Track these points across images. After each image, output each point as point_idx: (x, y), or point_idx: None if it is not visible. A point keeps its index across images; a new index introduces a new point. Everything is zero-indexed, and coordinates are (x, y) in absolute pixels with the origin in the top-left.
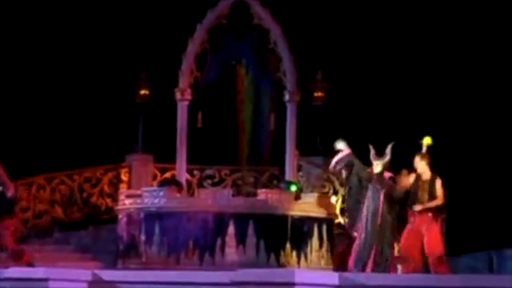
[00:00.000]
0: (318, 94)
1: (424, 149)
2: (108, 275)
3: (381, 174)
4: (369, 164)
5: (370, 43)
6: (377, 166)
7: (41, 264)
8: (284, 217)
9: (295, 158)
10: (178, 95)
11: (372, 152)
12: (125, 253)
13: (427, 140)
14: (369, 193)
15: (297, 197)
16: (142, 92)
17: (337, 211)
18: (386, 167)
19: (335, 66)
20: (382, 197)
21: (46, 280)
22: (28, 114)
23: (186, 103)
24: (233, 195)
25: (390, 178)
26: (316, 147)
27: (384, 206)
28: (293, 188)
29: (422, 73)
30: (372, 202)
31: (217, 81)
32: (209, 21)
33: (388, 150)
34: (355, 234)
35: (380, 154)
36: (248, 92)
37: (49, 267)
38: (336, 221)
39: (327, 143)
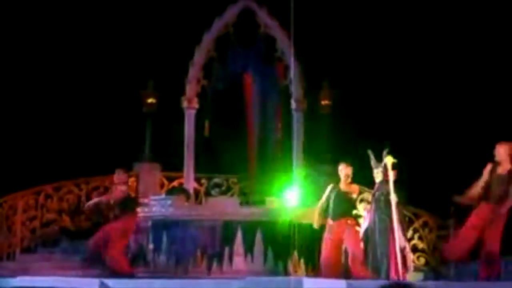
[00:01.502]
0: (325, 102)
1: None
2: (116, 283)
3: (382, 182)
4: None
5: (377, 51)
6: (378, 175)
7: (49, 273)
8: (292, 225)
9: (302, 166)
10: (185, 104)
11: (373, 159)
12: (133, 262)
13: None
14: (373, 204)
15: (305, 205)
16: (149, 100)
17: None
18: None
19: (342, 74)
20: (388, 204)
21: None
22: (35, 123)
23: (193, 111)
24: (240, 204)
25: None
26: (323, 155)
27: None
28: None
29: (429, 81)
30: (378, 211)
31: (225, 89)
32: (216, 29)
33: (384, 155)
34: None
35: (379, 161)
36: (255, 101)
37: (57, 276)
38: None
39: (334, 151)
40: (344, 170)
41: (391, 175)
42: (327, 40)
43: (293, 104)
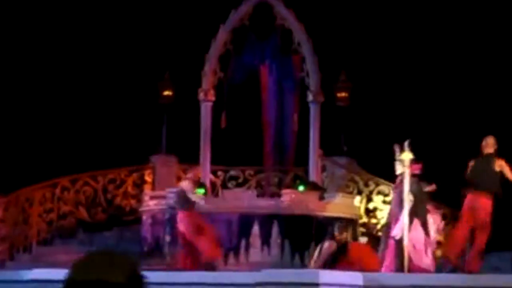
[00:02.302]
0: (341, 94)
1: None
2: None
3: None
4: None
5: (394, 43)
6: (398, 168)
7: (66, 265)
8: (309, 218)
9: (319, 158)
10: (201, 96)
11: (398, 153)
12: (149, 254)
13: None
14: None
15: (321, 197)
16: (166, 93)
17: (362, 211)
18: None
19: (358, 66)
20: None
21: None
22: (52, 115)
23: (210, 103)
24: (257, 196)
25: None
26: (340, 147)
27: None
28: (301, 188)
29: (446, 72)
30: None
31: (241, 81)
32: (232, 22)
33: (406, 147)
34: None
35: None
36: (272, 93)
37: None
38: (361, 221)
39: (351, 143)
40: None
41: (407, 171)
42: (343, 31)
43: (310, 96)
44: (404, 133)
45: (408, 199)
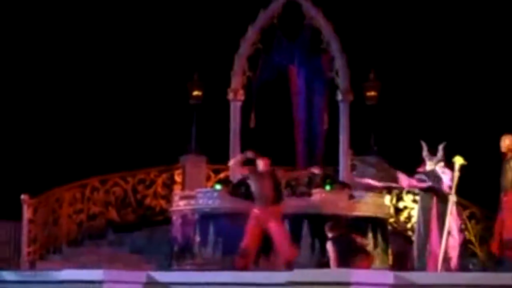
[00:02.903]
0: (371, 93)
1: None
2: (162, 276)
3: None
4: (422, 161)
5: (423, 41)
6: (430, 165)
7: (96, 266)
8: (338, 217)
9: (348, 157)
10: (230, 96)
11: (425, 150)
12: (180, 254)
13: None
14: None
15: (351, 196)
16: (195, 93)
17: (392, 210)
18: (440, 165)
19: (387, 65)
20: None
21: (101, 282)
22: (83, 116)
23: (239, 103)
24: (287, 195)
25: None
26: (370, 146)
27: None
28: (327, 187)
29: (475, 71)
30: (423, 202)
31: (271, 81)
32: (261, 21)
33: (440, 149)
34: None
35: (433, 153)
36: (301, 92)
37: (103, 269)
38: (391, 220)
39: (380, 142)
40: None
41: (457, 175)
42: (372, 30)
43: (339, 95)
44: (434, 131)
45: (452, 200)
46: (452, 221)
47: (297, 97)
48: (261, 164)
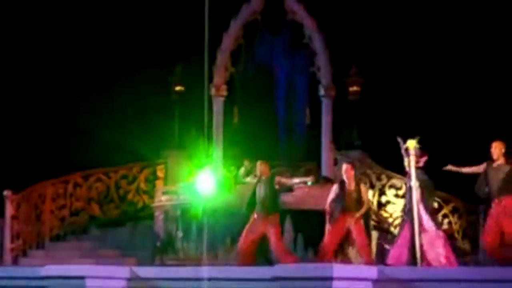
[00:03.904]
0: (353, 88)
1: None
2: (145, 271)
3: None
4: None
5: (405, 37)
6: (407, 161)
7: (79, 261)
8: (321, 212)
9: (331, 152)
10: (213, 91)
11: (403, 145)
12: (162, 250)
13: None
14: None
15: None
16: (177, 88)
17: (374, 205)
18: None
19: (370, 60)
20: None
21: (83, 277)
22: (65, 111)
23: (222, 98)
24: None
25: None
26: (352, 141)
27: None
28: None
29: (457, 66)
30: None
31: (253, 76)
32: (244, 16)
33: (407, 145)
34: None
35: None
36: (283, 87)
37: (86, 264)
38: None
39: (363, 137)
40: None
41: (412, 159)
42: (355, 25)
43: (321, 91)
44: (416, 126)
45: (415, 186)
46: (424, 214)
47: (279, 92)
48: (259, 168)
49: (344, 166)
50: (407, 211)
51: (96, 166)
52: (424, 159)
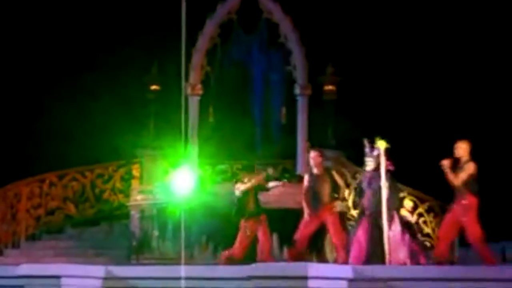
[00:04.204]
0: (328, 87)
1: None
2: (121, 270)
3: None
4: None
5: (381, 36)
6: (370, 163)
7: (54, 260)
8: (297, 211)
9: (306, 151)
10: (188, 90)
11: (367, 147)
12: (138, 249)
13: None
14: (368, 192)
15: None
16: (153, 87)
17: (349, 204)
18: (379, 161)
19: (345, 60)
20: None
21: (59, 277)
22: (40, 110)
23: (197, 97)
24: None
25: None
26: (327, 140)
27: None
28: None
29: (433, 65)
30: (373, 199)
31: (228, 75)
32: (219, 15)
33: (377, 146)
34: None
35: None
36: (259, 87)
37: (61, 263)
38: (349, 213)
39: (338, 136)
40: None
41: (383, 160)
42: (330, 24)
43: (297, 89)
44: (392, 126)
45: (384, 188)
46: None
47: (254, 91)
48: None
49: (312, 153)
50: (372, 211)
51: (72, 165)
52: (390, 163)
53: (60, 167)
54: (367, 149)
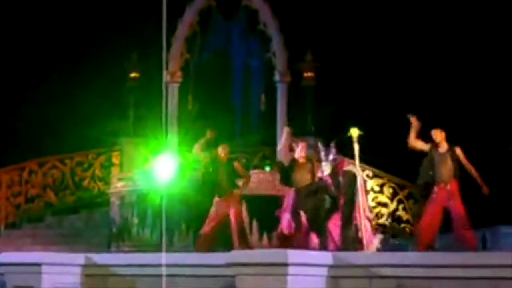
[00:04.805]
0: (308, 74)
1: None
2: (101, 258)
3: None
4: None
5: (360, 22)
6: (326, 168)
7: (34, 248)
8: (276, 198)
9: (286, 138)
10: (168, 78)
11: (323, 151)
12: (118, 236)
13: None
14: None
15: None
16: (133, 74)
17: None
18: (335, 164)
19: (324, 46)
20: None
21: (39, 264)
22: (20, 99)
23: (177, 85)
24: None
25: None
26: (307, 127)
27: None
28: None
29: (412, 51)
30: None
31: (208, 62)
32: (199, 2)
33: (332, 146)
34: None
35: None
36: (238, 73)
37: (41, 251)
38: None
39: (317, 123)
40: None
41: (357, 147)
42: (309, 11)
43: (276, 76)
44: (370, 112)
45: (359, 175)
46: (364, 200)
47: (234, 78)
48: (219, 150)
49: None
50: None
51: (51, 153)
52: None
53: (40, 154)
54: (322, 154)
